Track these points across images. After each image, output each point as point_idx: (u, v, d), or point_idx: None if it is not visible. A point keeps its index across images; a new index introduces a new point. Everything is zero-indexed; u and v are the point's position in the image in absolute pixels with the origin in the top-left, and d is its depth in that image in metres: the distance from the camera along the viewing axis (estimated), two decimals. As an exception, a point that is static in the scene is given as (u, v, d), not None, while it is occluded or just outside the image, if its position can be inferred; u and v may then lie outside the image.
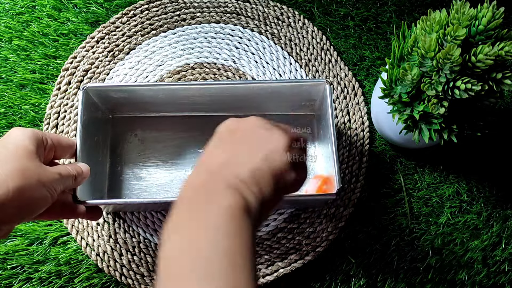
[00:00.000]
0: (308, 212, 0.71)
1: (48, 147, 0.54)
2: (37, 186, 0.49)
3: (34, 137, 0.51)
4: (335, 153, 0.61)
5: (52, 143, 0.54)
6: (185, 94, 0.67)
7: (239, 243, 0.36)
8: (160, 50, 0.79)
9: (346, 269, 0.70)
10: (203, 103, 0.70)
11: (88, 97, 0.64)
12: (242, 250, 0.36)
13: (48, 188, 0.50)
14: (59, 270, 0.68)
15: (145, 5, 0.81)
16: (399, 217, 0.72)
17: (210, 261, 0.34)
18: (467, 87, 0.52)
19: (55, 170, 0.52)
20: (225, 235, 0.36)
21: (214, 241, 0.36)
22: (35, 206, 0.49)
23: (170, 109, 0.72)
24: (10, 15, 0.80)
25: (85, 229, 0.70)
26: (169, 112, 0.73)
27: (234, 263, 0.35)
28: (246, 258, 0.36)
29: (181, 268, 0.35)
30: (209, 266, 0.34)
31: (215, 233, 0.36)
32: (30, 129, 0.51)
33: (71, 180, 0.54)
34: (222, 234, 0.36)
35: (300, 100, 0.70)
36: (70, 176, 0.54)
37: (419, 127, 0.60)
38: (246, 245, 0.36)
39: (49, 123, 0.74)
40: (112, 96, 0.67)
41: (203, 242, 0.36)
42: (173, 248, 0.37)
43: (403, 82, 0.58)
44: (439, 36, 0.53)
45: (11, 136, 0.51)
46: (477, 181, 0.74)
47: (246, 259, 0.36)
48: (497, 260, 0.71)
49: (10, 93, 0.76)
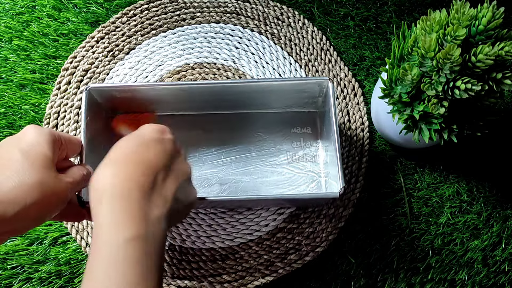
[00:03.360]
0: (307, 212, 0.71)
1: (62, 148, 0.53)
2: (52, 198, 0.48)
3: (51, 140, 0.49)
4: (338, 151, 0.61)
5: (64, 142, 0.54)
6: (187, 94, 0.67)
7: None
8: (160, 50, 0.79)
9: (346, 269, 0.70)
10: (205, 102, 0.70)
11: (91, 98, 0.64)
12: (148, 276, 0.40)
13: (61, 199, 0.50)
14: (59, 270, 0.69)
15: (145, 5, 0.81)
16: (399, 217, 0.72)
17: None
18: (467, 87, 0.52)
19: (68, 179, 0.51)
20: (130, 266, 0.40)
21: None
22: (48, 215, 0.49)
23: (172, 108, 0.72)
24: (10, 15, 0.80)
25: (85, 229, 0.70)
26: (171, 111, 0.73)
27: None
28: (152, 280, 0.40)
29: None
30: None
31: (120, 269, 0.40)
32: (47, 130, 0.50)
33: (82, 184, 0.54)
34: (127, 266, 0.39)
35: (302, 98, 0.70)
36: (82, 181, 0.53)
37: (419, 127, 0.60)
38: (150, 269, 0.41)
39: (49, 123, 0.74)
40: (115, 96, 0.67)
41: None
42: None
43: (403, 82, 0.58)
44: (439, 36, 0.53)
45: (29, 138, 0.48)
46: (477, 181, 0.74)
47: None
48: (497, 260, 0.71)
49: (10, 93, 0.76)
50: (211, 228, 0.71)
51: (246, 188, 0.70)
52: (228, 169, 0.71)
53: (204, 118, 0.74)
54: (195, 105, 0.72)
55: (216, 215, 0.71)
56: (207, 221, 0.71)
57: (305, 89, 0.67)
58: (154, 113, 0.73)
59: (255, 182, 0.71)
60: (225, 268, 0.69)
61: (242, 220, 0.71)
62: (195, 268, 0.69)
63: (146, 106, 0.71)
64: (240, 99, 0.70)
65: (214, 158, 0.72)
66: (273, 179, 0.71)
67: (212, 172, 0.71)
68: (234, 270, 0.69)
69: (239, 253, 0.70)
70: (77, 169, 0.53)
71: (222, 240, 0.70)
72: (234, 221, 0.71)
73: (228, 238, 0.70)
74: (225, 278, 0.68)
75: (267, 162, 0.72)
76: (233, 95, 0.68)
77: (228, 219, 0.71)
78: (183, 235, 0.70)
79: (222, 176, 0.71)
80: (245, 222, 0.71)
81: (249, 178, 0.71)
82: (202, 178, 0.71)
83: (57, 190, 0.48)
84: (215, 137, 0.73)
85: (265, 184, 0.71)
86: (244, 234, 0.70)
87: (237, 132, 0.73)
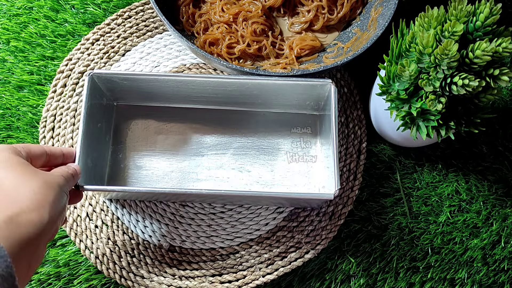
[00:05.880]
0: (307, 210, 0.71)
1: (37, 158, 0.54)
2: (60, 193, 0.49)
3: (14, 151, 0.50)
4: (336, 154, 0.62)
5: (42, 153, 0.54)
6: (189, 87, 0.67)
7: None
8: (155, 52, 0.79)
9: (346, 268, 0.70)
10: (207, 97, 0.70)
11: (93, 83, 0.65)
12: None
13: (66, 191, 0.51)
14: (58, 271, 0.68)
15: (140, 7, 0.81)
16: (399, 216, 0.72)
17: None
18: (465, 83, 0.52)
19: (57, 173, 0.52)
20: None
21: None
22: (63, 212, 0.50)
23: (174, 100, 0.72)
24: (7, 16, 0.80)
25: (84, 232, 0.70)
26: (172, 103, 0.73)
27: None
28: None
29: None
30: None
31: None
32: (3, 146, 0.50)
33: (72, 181, 0.55)
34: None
35: (304, 99, 0.70)
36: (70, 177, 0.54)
37: (416, 124, 0.60)
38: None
39: (45, 126, 0.74)
40: (118, 84, 0.67)
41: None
42: None
43: (401, 79, 0.58)
44: (437, 32, 0.53)
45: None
46: (476, 180, 0.74)
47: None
48: (496, 258, 0.71)
49: (8, 94, 0.76)
50: (210, 228, 0.70)
51: (243, 185, 0.71)
52: (226, 166, 0.71)
53: (204, 114, 0.74)
54: (196, 99, 0.72)
55: (215, 215, 0.71)
56: (206, 221, 0.71)
57: (307, 90, 0.67)
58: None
59: (253, 180, 0.71)
60: (226, 267, 0.69)
61: (242, 220, 0.71)
62: (196, 268, 0.69)
63: (146, 97, 0.72)
64: (242, 96, 0.70)
65: (212, 155, 0.72)
66: (271, 178, 0.71)
67: (209, 168, 0.71)
68: (235, 269, 0.69)
69: (239, 253, 0.70)
70: (59, 169, 0.55)
71: (222, 240, 0.70)
72: (234, 220, 0.71)
73: (228, 238, 0.70)
74: (226, 278, 0.68)
75: (266, 161, 0.72)
76: (236, 91, 0.68)
77: (227, 219, 0.71)
78: (182, 236, 0.70)
79: (220, 173, 0.71)
80: (245, 222, 0.71)
81: (247, 176, 0.71)
82: (199, 174, 0.71)
83: (60, 183, 0.50)
84: (214, 133, 0.73)
85: (262, 182, 0.71)
86: (244, 233, 0.70)
87: (236, 130, 0.73)
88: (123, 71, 0.76)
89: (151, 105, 0.74)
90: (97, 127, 0.67)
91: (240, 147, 0.72)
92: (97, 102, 0.67)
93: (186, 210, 0.71)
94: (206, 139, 0.73)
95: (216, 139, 0.73)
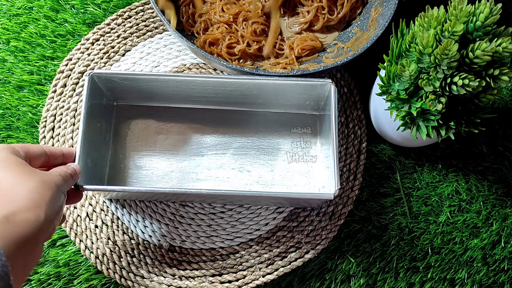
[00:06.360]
0: (307, 210, 0.71)
1: (36, 157, 0.53)
2: (58, 192, 0.49)
3: (13, 151, 0.50)
4: (336, 154, 0.62)
5: (40, 153, 0.54)
6: (189, 87, 0.67)
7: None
8: (155, 52, 0.79)
9: (346, 268, 0.70)
10: (207, 97, 0.70)
11: (93, 83, 0.65)
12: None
13: (63, 191, 0.51)
14: (58, 271, 0.68)
15: (140, 7, 0.81)
16: (399, 216, 0.72)
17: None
18: (465, 83, 0.52)
19: (55, 173, 0.52)
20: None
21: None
22: (61, 211, 0.50)
23: (174, 100, 0.72)
24: (7, 16, 0.80)
25: (84, 232, 0.70)
26: (172, 103, 0.73)
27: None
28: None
29: None
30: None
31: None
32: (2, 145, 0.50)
33: (71, 181, 0.55)
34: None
35: (304, 99, 0.70)
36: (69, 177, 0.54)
37: (416, 124, 0.60)
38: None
39: (45, 126, 0.74)
40: (118, 84, 0.67)
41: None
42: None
43: (401, 79, 0.58)
44: (437, 32, 0.53)
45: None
46: (476, 180, 0.74)
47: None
48: (496, 258, 0.71)
49: (8, 94, 0.76)
50: (211, 228, 0.70)
51: (243, 185, 0.71)
52: (226, 166, 0.71)
53: (204, 114, 0.74)
54: (196, 99, 0.72)
55: (215, 215, 0.71)
56: (206, 221, 0.71)
57: (307, 90, 0.67)
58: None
59: (253, 180, 0.71)
60: (226, 267, 0.69)
61: (242, 220, 0.71)
62: (196, 268, 0.69)
63: (146, 97, 0.71)
64: (242, 96, 0.70)
65: (212, 155, 0.72)
66: (271, 178, 0.71)
67: (209, 168, 0.71)
68: (235, 269, 0.69)
69: (239, 253, 0.70)
70: (58, 168, 0.55)
71: (222, 240, 0.70)
72: (234, 220, 0.71)
73: (228, 238, 0.70)
74: (226, 278, 0.68)
75: (266, 161, 0.72)
76: (235, 91, 0.68)
77: (227, 219, 0.71)
78: (182, 236, 0.70)
79: (220, 173, 0.71)
80: (245, 222, 0.71)
81: (247, 176, 0.71)
82: (199, 174, 0.71)
83: (57, 183, 0.50)
84: (214, 133, 0.73)
85: (262, 182, 0.71)
86: (244, 233, 0.70)
87: (236, 130, 0.73)
88: (123, 71, 0.76)
89: (151, 105, 0.74)
90: (97, 127, 0.67)
91: (240, 147, 0.72)
92: (97, 102, 0.67)
93: (186, 210, 0.71)
94: (206, 139, 0.73)
95: (216, 139, 0.73)
